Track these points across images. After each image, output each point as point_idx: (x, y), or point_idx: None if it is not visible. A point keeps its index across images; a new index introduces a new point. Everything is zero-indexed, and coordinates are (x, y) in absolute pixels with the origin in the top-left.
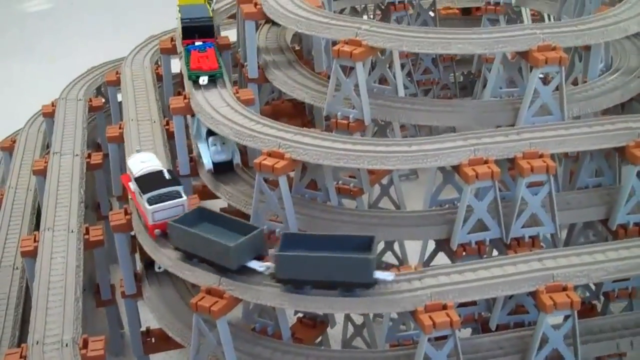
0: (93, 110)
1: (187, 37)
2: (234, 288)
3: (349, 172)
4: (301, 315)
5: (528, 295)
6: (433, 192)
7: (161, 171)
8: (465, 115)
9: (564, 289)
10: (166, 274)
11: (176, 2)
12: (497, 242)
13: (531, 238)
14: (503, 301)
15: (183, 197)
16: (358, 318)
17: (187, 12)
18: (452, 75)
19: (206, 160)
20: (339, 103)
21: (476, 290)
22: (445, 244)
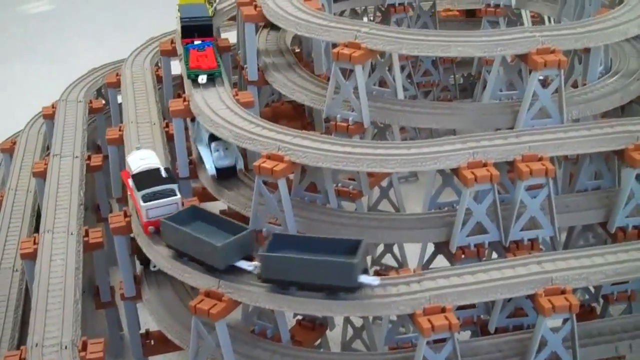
0: (93, 112)
1: (186, 37)
2: (233, 291)
3: (349, 175)
4: (300, 317)
5: (527, 298)
6: (432, 195)
7: (158, 169)
8: (464, 117)
9: (563, 292)
10: (165, 277)
11: (176, 4)
12: (496, 245)
13: (530, 241)
14: (502, 304)
15: (177, 196)
16: (357, 320)
17: (187, 12)
18: (452, 77)
19: (209, 165)
20: (339, 105)
21: (475, 293)
22: (444, 247)
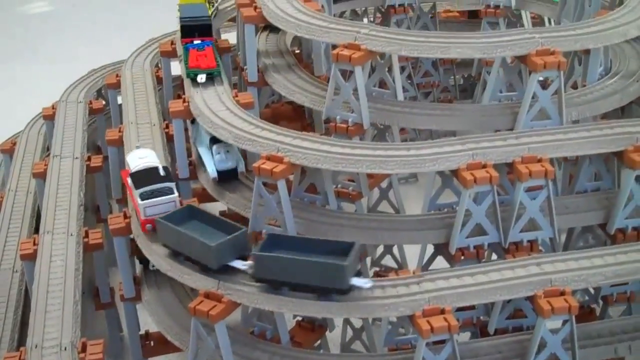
0: (93, 112)
1: (186, 36)
2: (233, 292)
3: (348, 176)
4: (300, 318)
5: (526, 299)
6: (432, 196)
7: (156, 167)
8: (464, 119)
9: (562, 294)
10: (165, 278)
11: (176, 4)
12: (496, 247)
13: (529, 242)
14: (501, 305)
15: (175, 194)
16: (357, 322)
17: (187, 11)
18: (453, 78)
19: (210, 169)
20: (338, 107)
21: (474, 294)
22: (444, 248)
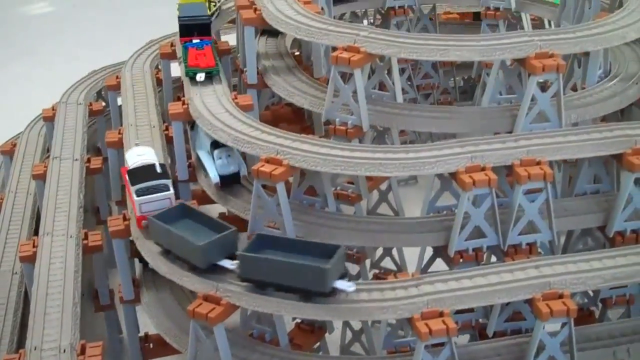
0: (93, 114)
1: (185, 35)
2: (231, 295)
3: (348, 178)
4: (299, 320)
5: (525, 302)
6: (431, 199)
7: (153, 164)
8: (463, 121)
9: (561, 297)
10: (164, 280)
11: (176, 3)
12: (495, 249)
13: (528, 245)
14: (500, 308)
15: (170, 191)
16: (356, 324)
17: (186, 10)
18: (452, 79)
19: (212, 174)
20: (338, 109)
21: (473, 297)
22: (443, 251)
